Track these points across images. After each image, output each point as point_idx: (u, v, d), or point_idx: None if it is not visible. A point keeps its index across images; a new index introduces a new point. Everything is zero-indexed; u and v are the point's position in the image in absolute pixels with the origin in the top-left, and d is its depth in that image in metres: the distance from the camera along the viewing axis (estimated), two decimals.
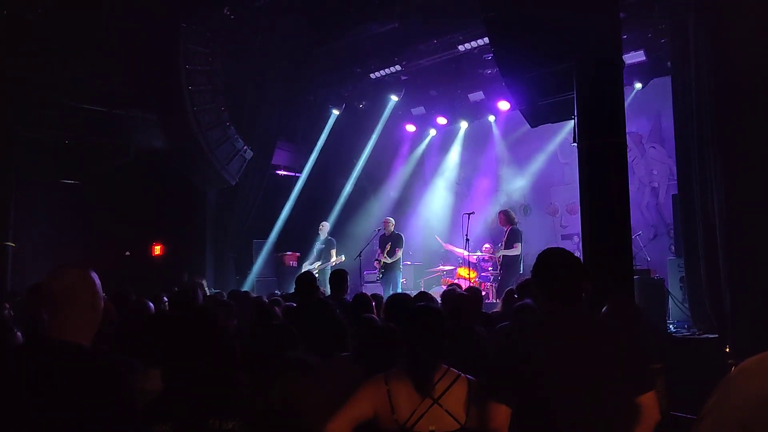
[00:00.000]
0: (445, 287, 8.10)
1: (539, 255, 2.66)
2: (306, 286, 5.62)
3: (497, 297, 9.81)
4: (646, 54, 9.66)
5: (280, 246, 12.71)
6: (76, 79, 9.92)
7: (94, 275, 2.19)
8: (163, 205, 11.23)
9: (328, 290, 7.14)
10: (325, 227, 11.89)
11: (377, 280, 11.19)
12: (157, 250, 11.74)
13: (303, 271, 8.90)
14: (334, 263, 11.22)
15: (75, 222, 10.47)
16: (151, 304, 4.93)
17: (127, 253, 11.43)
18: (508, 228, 10.47)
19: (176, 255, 11.63)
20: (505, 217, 10.57)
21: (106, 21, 9.21)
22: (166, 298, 6.10)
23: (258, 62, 11.26)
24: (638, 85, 10.43)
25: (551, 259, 2.60)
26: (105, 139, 10.50)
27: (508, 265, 10.23)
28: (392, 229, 11.34)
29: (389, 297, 5.11)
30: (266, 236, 12.53)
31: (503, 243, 10.42)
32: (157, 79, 10.23)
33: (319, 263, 11.47)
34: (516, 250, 10.20)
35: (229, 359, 2.32)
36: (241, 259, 12.13)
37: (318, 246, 11.78)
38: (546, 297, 2.54)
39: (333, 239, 11.74)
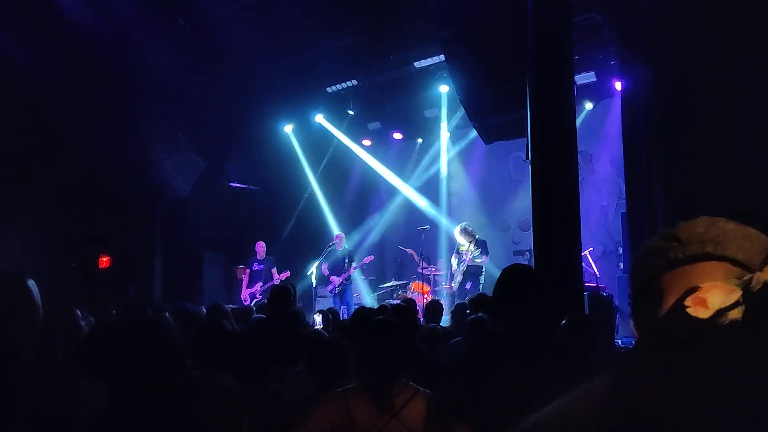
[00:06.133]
0: (398, 301, 8.11)
1: (503, 273, 2.64)
2: (283, 297, 5.55)
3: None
4: (597, 75, 9.91)
5: (233, 260, 12.51)
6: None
7: (31, 283, 2.09)
8: (112, 217, 10.91)
9: None
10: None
11: (334, 294, 11.18)
12: (104, 261, 11.41)
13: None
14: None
15: (18, 232, 10.08)
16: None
17: (73, 265, 11.07)
18: (472, 240, 10.27)
19: (124, 267, 11.33)
20: (466, 233, 10.37)
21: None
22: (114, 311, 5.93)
23: (211, 73, 11.13)
24: (589, 105, 10.67)
25: (515, 278, 2.59)
26: (49, 147, 10.10)
27: (474, 274, 10.07)
28: (344, 244, 11.43)
29: (356, 311, 5.16)
30: (219, 249, 12.34)
31: (468, 254, 10.18)
32: (107, 87, 10.01)
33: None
34: (486, 260, 10.09)
35: (177, 375, 2.25)
36: (192, 272, 11.90)
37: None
38: (506, 316, 2.55)
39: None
